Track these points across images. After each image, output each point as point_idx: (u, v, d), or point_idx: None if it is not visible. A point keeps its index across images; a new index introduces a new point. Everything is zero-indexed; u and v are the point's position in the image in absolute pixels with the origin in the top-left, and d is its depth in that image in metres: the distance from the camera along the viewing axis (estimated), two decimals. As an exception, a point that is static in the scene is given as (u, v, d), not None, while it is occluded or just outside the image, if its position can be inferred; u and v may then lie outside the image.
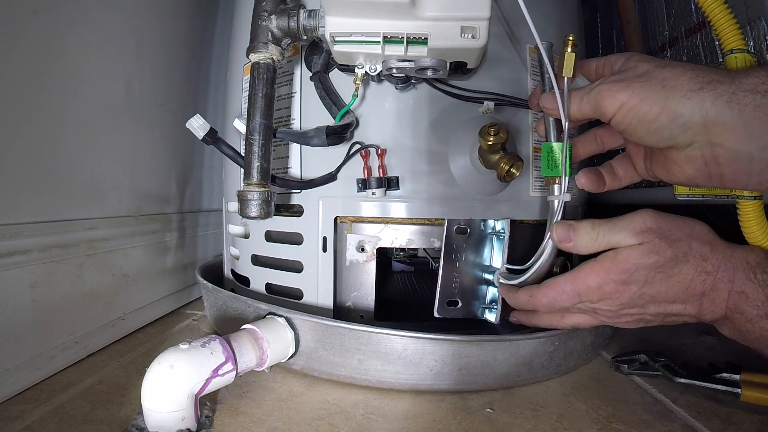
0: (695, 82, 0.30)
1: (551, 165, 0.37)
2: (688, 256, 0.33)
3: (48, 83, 0.42)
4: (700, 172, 0.32)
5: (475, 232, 0.44)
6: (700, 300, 0.33)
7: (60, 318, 0.43)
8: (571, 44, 0.36)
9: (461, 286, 0.44)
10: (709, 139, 0.30)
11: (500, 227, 0.44)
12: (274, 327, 0.41)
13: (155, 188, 0.61)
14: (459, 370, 0.41)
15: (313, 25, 0.38)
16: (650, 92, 0.31)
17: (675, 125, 0.31)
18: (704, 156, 0.31)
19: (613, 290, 0.34)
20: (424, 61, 0.38)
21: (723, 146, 0.30)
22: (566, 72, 0.36)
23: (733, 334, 0.34)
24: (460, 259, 0.44)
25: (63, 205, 0.44)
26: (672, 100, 0.30)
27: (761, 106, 0.29)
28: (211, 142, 0.41)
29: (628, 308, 0.35)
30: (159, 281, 0.61)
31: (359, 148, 0.45)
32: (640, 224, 0.34)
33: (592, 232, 0.35)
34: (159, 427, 0.31)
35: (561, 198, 0.37)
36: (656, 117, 0.31)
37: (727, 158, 0.31)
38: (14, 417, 0.35)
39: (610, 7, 0.83)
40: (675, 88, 0.30)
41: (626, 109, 0.32)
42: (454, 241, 0.43)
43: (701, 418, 0.38)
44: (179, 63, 0.66)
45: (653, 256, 0.33)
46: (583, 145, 0.42)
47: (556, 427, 0.37)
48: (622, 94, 0.32)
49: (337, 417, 0.37)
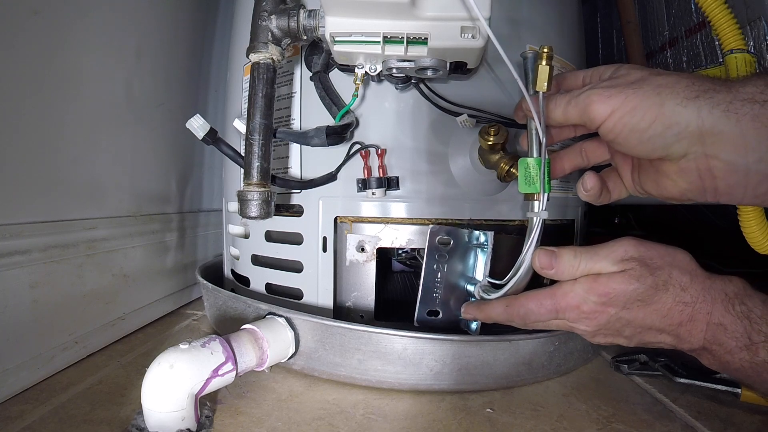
0: (691, 90, 0.29)
1: (528, 181, 0.36)
2: (668, 285, 0.32)
3: (48, 83, 0.42)
4: (694, 185, 0.31)
5: (458, 243, 0.42)
6: (677, 330, 0.32)
7: (60, 318, 0.43)
8: (545, 56, 0.34)
9: (442, 296, 0.43)
10: (705, 150, 0.29)
11: (484, 239, 0.43)
12: (274, 327, 0.41)
13: (155, 188, 0.61)
14: (459, 370, 0.41)
15: (313, 25, 0.38)
16: (644, 99, 0.30)
17: (669, 134, 0.29)
18: (699, 168, 0.30)
19: (592, 310, 0.33)
20: (424, 61, 0.38)
21: (719, 158, 0.29)
22: (539, 86, 0.34)
23: (713, 364, 0.33)
24: (442, 270, 0.42)
25: (63, 205, 0.44)
26: (667, 108, 0.29)
27: (759, 116, 0.27)
28: (211, 142, 0.41)
29: (605, 330, 0.34)
30: (159, 281, 0.61)
31: (359, 148, 0.45)
32: (621, 253, 0.33)
33: (574, 260, 0.34)
34: (159, 427, 0.31)
35: (539, 215, 0.36)
36: (650, 125, 0.30)
37: (722, 171, 0.29)
38: (14, 417, 0.35)
39: (610, 7, 0.83)
40: (671, 95, 0.29)
41: (618, 116, 0.30)
42: (435, 251, 0.42)
43: (701, 418, 0.38)
44: (179, 63, 0.66)
45: (634, 282, 0.32)
46: (568, 159, 0.41)
47: (556, 427, 0.37)
48: (613, 100, 0.30)
49: (337, 417, 0.37)
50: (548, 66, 0.34)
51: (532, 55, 0.36)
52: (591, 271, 0.34)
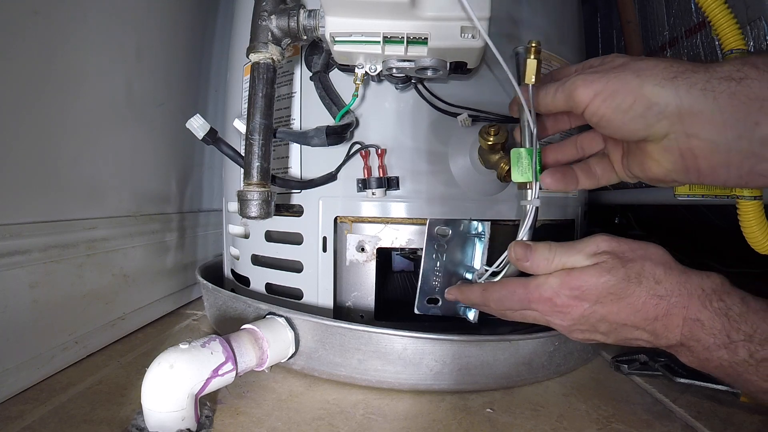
0: (669, 71, 0.30)
1: (521, 171, 0.37)
2: (641, 278, 0.32)
3: (48, 83, 0.42)
4: (677, 165, 0.32)
5: (456, 232, 0.44)
6: (653, 325, 0.32)
7: (60, 318, 0.43)
8: (533, 51, 0.36)
9: (442, 284, 0.44)
10: (685, 129, 0.30)
11: (481, 229, 0.44)
12: (274, 327, 0.41)
13: (155, 188, 0.61)
14: (459, 370, 0.41)
15: (313, 25, 0.38)
16: (625, 82, 0.31)
17: (650, 115, 0.30)
18: (681, 148, 0.31)
19: (565, 304, 0.34)
20: (424, 61, 0.38)
21: (698, 137, 0.30)
22: (527, 79, 0.36)
23: (693, 362, 0.33)
24: (441, 259, 0.44)
25: (63, 205, 0.44)
26: (646, 89, 0.30)
27: (736, 94, 0.28)
28: (211, 142, 0.41)
29: (580, 325, 0.34)
30: (159, 281, 0.61)
31: (359, 148, 0.45)
32: (594, 247, 0.34)
33: (549, 253, 0.35)
34: (159, 427, 0.31)
35: (532, 203, 0.37)
36: (630, 106, 0.31)
37: (703, 150, 0.30)
38: (14, 417, 0.35)
39: (610, 7, 0.83)
40: (649, 77, 0.30)
41: (600, 99, 0.32)
42: (435, 240, 0.43)
43: (701, 418, 0.38)
44: (179, 63, 0.66)
45: (605, 275, 0.32)
46: (563, 151, 0.42)
47: (556, 427, 0.37)
48: (596, 84, 0.32)
49: (337, 417, 0.37)
50: (536, 60, 0.36)
51: (524, 50, 0.37)
52: (565, 265, 0.35)
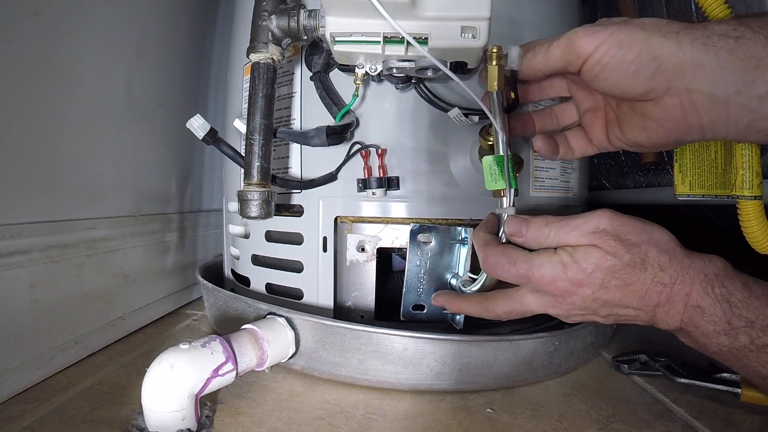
0: (672, 26, 0.30)
1: (494, 178, 0.36)
2: (645, 265, 0.31)
3: (48, 83, 0.42)
4: (679, 122, 0.32)
5: (439, 239, 0.43)
6: (654, 310, 0.32)
7: (60, 318, 0.43)
8: (495, 56, 0.35)
9: (426, 291, 0.44)
10: (686, 84, 0.30)
11: (464, 235, 0.43)
12: (274, 327, 0.41)
13: (155, 188, 0.61)
14: (459, 370, 0.41)
15: (314, 25, 0.38)
16: (630, 33, 0.30)
17: (654, 66, 0.30)
18: (682, 103, 0.31)
19: (566, 289, 0.32)
20: (425, 61, 0.38)
21: (700, 91, 0.30)
22: (490, 86, 0.36)
23: (690, 344, 0.33)
24: (425, 266, 0.43)
25: (63, 205, 0.44)
26: (653, 40, 0.30)
27: (734, 50, 0.29)
28: (211, 142, 0.41)
29: (581, 310, 0.33)
30: (159, 281, 0.61)
31: (359, 148, 0.45)
32: (594, 225, 0.32)
33: (545, 228, 0.34)
34: (159, 427, 0.31)
35: (506, 212, 0.36)
36: (636, 56, 0.30)
37: (704, 104, 0.30)
38: (14, 417, 0.35)
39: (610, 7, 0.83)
40: (655, 30, 0.30)
41: (604, 49, 0.31)
42: (417, 248, 0.43)
43: (701, 418, 0.38)
44: (179, 63, 0.66)
45: (611, 258, 0.31)
46: (537, 119, 0.42)
47: (556, 427, 0.37)
48: (600, 34, 0.31)
49: (338, 417, 0.37)
50: (497, 66, 0.35)
51: None
52: (561, 242, 0.33)
